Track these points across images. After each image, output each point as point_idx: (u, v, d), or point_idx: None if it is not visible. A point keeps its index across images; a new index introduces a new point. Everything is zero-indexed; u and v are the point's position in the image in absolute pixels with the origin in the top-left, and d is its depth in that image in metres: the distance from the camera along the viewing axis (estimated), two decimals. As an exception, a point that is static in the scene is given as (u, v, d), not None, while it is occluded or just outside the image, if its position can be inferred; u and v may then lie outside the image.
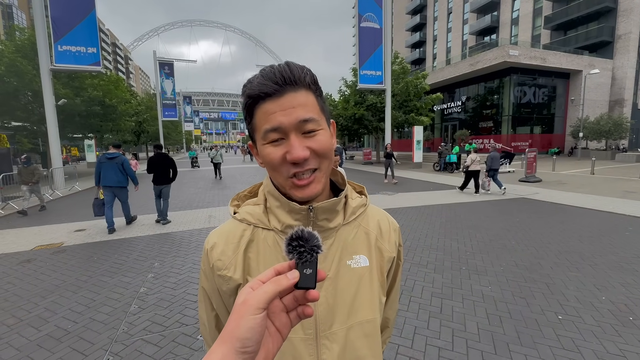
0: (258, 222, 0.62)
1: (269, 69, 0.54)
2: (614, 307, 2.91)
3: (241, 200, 0.69)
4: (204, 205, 8.25)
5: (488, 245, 4.68)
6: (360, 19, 15.62)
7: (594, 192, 9.06)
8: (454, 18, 41.86)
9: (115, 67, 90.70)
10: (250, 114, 0.56)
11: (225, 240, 0.62)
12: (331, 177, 0.68)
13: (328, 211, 0.60)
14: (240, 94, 0.58)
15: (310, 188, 0.56)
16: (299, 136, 0.54)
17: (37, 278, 3.80)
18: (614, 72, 26.58)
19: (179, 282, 3.59)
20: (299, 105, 0.53)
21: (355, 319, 0.60)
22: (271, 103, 0.53)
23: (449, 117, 29.29)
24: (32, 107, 15.01)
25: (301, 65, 0.56)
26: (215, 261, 0.61)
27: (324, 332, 0.59)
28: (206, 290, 0.65)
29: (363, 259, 0.63)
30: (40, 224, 6.57)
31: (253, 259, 0.60)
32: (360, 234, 0.65)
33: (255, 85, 0.53)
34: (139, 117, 28.06)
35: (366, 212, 0.68)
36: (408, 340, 2.47)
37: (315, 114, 0.55)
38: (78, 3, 11.41)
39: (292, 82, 0.53)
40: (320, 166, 0.56)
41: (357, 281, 0.61)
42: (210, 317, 0.66)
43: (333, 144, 0.59)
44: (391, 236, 0.69)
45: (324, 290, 0.59)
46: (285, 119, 0.52)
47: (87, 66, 11.98)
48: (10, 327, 2.75)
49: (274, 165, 0.55)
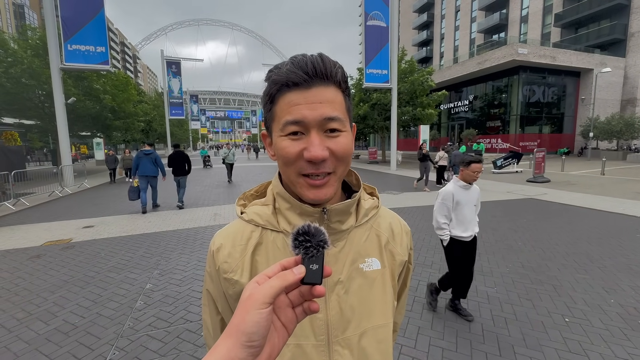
0: (267, 223, 0.59)
1: (301, 57, 0.51)
2: (623, 310, 2.86)
3: (248, 199, 0.66)
4: (210, 203, 8.31)
5: (494, 246, 4.63)
6: (367, 17, 15.52)
7: (604, 193, 8.89)
8: (461, 16, 41.36)
9: (124, 66, 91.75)
10: (272, 101, 0.53)
11: (232, 242, 0.59)
12: (345, 178, 0.65)
13: (341, 213, 0.57)
14: (265, 79, 0.54)
15: (323, 190, 0.53)
16: (321, 134, 0.51)
17: (46, 273, 3.88)
18: (626, 71, 25.99)
19: (184, 279, 3.62)
20: (327, 102, 0.50)
21: (369, 324, 0.58)
22: (297, 94, 0.50)
23: (456, 116, 29.00)
24: (43, 106, 15.31)
25: (334, 60, 0.52)
26: (221, 263, 0.58)
27: (336, 337, 0.56)
28: (211, 293, 0.62)
29: (375, 262, 0.61)
30: (50, 220, 6.70)
31: (261, 262, 0.58)
32: (372, 236, 0.62)
33: (283, 72, 0.50)
34: (147, 117, 28.46)
35: (378, 214, 0.65)
36: (411, 341, 2.46)
37: (341, 114, 0.52)
38: (87, 3, 11.56)
39: (324, 76, 0.50)
40: (336, 170, 0.53)
41: (369, 285, 0.59)
42: (215, 320, 0.63)
43: (353, 148, 0.56)
44: (403, 239, 0.66)
45: (336, 294, 0.57)
46: (309, 113, 0.49)
47: (96, 65, 12.14)
48: (20, 321, 2.81)
49: (288, 160, 0.52)
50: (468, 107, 27.48)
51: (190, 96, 48.54)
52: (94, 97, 15.98)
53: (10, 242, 5.22)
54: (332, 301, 0.56)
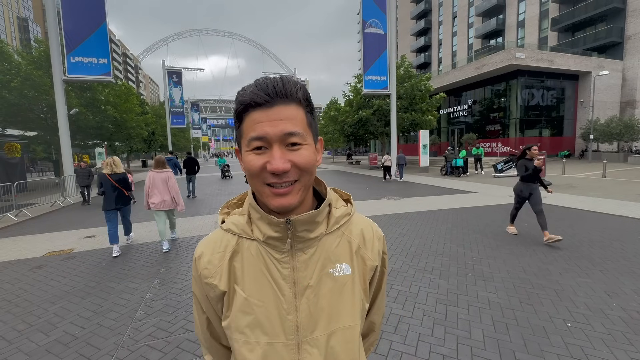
0: (242, 232, 0.64)
1: (263, 80, 0.56)
2: (626, 314, 2.83)
3: (231, 207, 0.71)
4: (211, 211, 8.33)
5: (495, 251, 4.61)
6: (365, 25, 15.74)
7: (606, 195, 8.86)
8: (459, 22, 41.81)
9: (126, 77, 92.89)
10: (240, 120, 0.58)
11: (211, 250, 0.65)
12: (315, 187, 0.69)
13: (307, 223, 0.61)
14: (234, 100, 0.60)
15: (286, 198, 0.56)
16: (282, 148, 0.55)
17: (47, 284, 3.89)
18: (624, 73, 26.10)
19: (184, 288, 3.62)
20: (287, 118, 0.55)
21: (337, 325, 0.62)
22: (260, 112, 0.55)
23: (455, 121, 29.09)
24: (46, 117, 15.49)
25: (295, 80, 0.58)
26: (202, 270, 0.64)
27: (305, 337, 0.60)
28: (197, 295, 0.69)
29: (346, 267, 0.64)
30: (51, 231, 6.73)
31: (238, 267, 0.63)
32: (343, 242, 0.65)
33: (247, 94, 0.55)
34: (150, 127, 28.71)
35: (350, 221, 0.68)
36: (412, 348, 2.45)
37: (301, 129, 0.56)
38: (90, 16, 11.79)
39: (283, 96, 0.55)
40: (300, 178, 0.57)
41: (339, 289, 0.63)
42: (202, 318, 0.71)
43: (317, 160, 0.60)
44: (374, 245, 0.69)
45: (306, 297, 0.61)
46: (271, 130, 0.54)
47: (98, 76, 12.32)
48: (20, 333, 2.81)
49: (253, 173, 0.56)
50: (467, 112, 27.57)
51: (191, 105, 48.96)
52: (96, 107, 16.18)
53: (12, 253, 5.24)
54: (302, 304, 0.61)
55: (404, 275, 3.82)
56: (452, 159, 15.75)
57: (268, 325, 0.60)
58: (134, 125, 20.23)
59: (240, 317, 0.60)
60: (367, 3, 15.64)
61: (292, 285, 0.61)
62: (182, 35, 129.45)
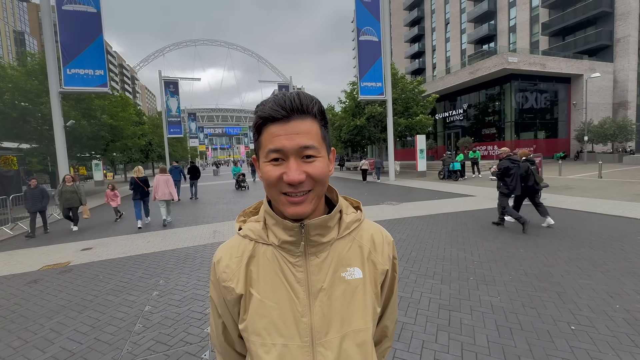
0: (258, 237, 0.67)
1: (281, 96, 0.60)
2: (629, 315, 2.82)
3: (247, 216, 0.75)
4: (209, 220, 8.27)
5: (496, 254, 4.59)
6: (359, 32, 15.94)
7: (603, 196, 8.90)
8: (451, 28, 42.46)
9: (123, 88, 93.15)
10: (259, 132, 0.62)
11: (229, 255, 0.68)
12: (327, 194, 0.72)
13: (319, 227, 0.64)
14: (253, 112, 0.64)
15: (301, 207, 0.60)
16: (298, 160, 0.59)
17: (43, 299, 3.82)
18: (615, 75, 26.53)
19: (183, 300, 3.57)
20: (303, 133, 0.59)
21: (349, 328, 0.64)
22: (278, 126, 0.58)
23: (451, 125, 29.31)
24: (42, 129, 15.43)
25: (311, 96, 0.61)
26: (220, 273, 0.68)
27: (319, 340, 0.62)
28: (214, 300, 0.72)
29: (357, 271, 0.67)
30: (48, 244, 6.64)
31: (254, 271, 0.66)
32: (354, 247, 0.68)
33: (267, 109, 0.59)
34: (147, 138, 28.66)
35: (361, 227, 0.71)
36: (416, 355, 2.41)
37: (316, 142, 0.60)
38: (86, 29, 11.85)
39: (300, 111, 0.59)
40: (314, 188, 0.61)
41: (351, 292, 0.65)
42: (218, 323, 0.73)
43: (329, 170, 0.64)
44: (384, 249, 0.72)
45: (319, 300, 0.63)
46: (287, 143, 0.58)
47: (94, 88, 12.31)
48: (15, 350, 2.75)
49: (271, 182, 0.60)
50: (463, 116, 27.82)
51: (188, 114, 49.02)
52: (92, 117, 16.12)
53: (8, 268, 5.16)
54: (316, 306, 0.63)
55: (405, 281, 3.79)
56: (450, 163, 15.83)
57: (283, 327, 0.62)
58: (129, 134, 20.13)
59: (257, 320, 0.63)
60: (361, 11, 15.88)
61: (306, 288, 0.63)
62: (179, 45, 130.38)
